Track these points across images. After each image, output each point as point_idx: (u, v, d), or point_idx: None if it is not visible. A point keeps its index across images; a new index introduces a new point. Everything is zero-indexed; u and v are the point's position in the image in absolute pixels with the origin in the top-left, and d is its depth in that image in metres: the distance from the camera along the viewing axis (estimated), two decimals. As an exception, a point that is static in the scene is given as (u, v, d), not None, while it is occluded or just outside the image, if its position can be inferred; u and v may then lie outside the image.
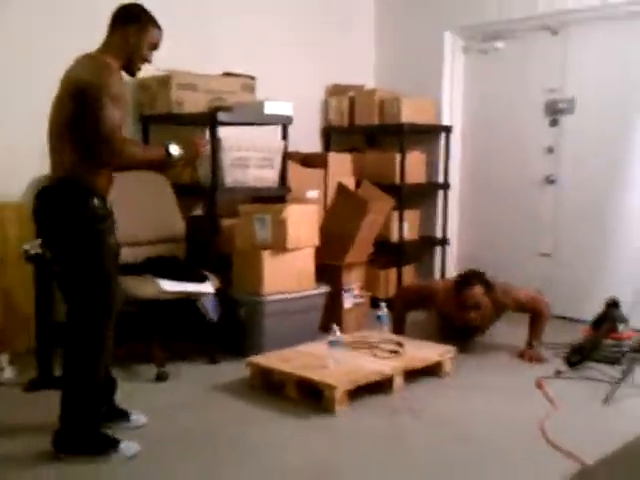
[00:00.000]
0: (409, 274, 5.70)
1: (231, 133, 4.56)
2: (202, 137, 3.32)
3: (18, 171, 4.03)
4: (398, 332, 4.38)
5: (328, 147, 5.91)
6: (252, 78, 4.86)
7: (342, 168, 5.43)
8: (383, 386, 3.65)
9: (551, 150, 5.42)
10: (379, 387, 3.63)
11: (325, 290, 4.58)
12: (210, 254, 4.25)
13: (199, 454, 2.94)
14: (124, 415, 3.18)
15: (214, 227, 4.32)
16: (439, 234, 5.94)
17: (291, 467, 2.85)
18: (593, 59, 5.14)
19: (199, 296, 3.94)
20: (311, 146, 5.75)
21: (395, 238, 5.51)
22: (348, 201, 4.88)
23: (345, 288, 4.80)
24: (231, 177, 4.42)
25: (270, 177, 4.65)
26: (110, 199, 2.91)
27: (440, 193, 5.92)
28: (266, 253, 4.26)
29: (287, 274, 4.34)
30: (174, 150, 2.95)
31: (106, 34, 2.90)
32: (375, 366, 3.70)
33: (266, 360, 3.80)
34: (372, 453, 2.99)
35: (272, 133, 4.87)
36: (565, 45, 5.29)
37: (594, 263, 5.18)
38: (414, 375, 3.82)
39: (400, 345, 3.95)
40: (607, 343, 4.18)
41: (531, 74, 5.49)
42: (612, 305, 4.33)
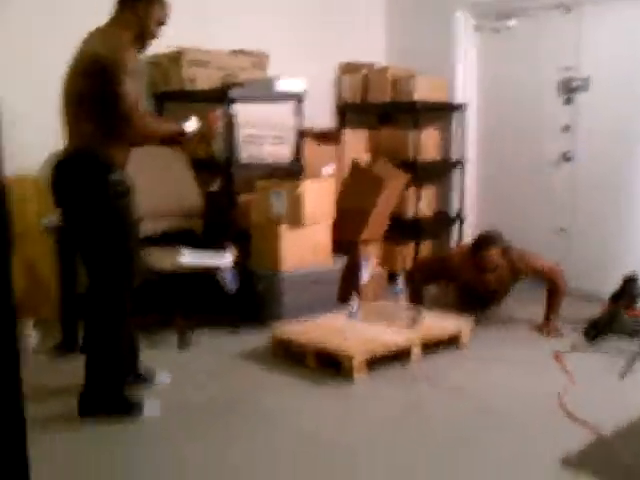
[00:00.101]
0: (425, 250, 5.69)
1: (244, 110, 4.54)
2: (216, 113, 3.34)
3: (35, 145, 4.01)
4: (416, 304, 4.35)
5: (343, 123, 5.88)
6: (264, 55, 4.85)
7: (357, 145, 5.42)
8: (401, 357, 3.66)
9: (567, 128, 5.39)
10: (397, 358, 3.65)
11: (342, 263, 4.58)
12: (227, 228, 4.27)
13: (217, 419, 2.98)
14: (149, 378, 3.26)
15: (231, 202, 4.33)
16: (455, 210, 5.93)
17: (305, 433, 2.87)
18: (607, 37, 5.08)
19: (218, 268, 3.96)
20: (325, 122, 5.73)
21: (411, 214, 5.50)
22: (363, 178, 4.88)
23: (362, 261, 4.80)
24: (246, 153, 4.42)
25: (284, 154, 4.65)
26: (129, 172, 2.92)
27: (455, 170, 5.89)
28: (283, 228, 4.27)
29: (304, 248, 4.35)
30: (190, 125, 2.98)
31: (114, 11, 2.90)
32: (393, 337, 3.71)
33: (285, 330, 3.82)
34: (388, 422, 3.00)
35: (285, 110, 4.86)
36: (579, 23, 5.23)
37: (611, 239, 5.14)
38: (432, 346, 3.83)
39: (418, 316, 3.94)
40: (625, 318, 4.17)
41: (545, 52, 5.43)
42: (630, 280, 4.33)
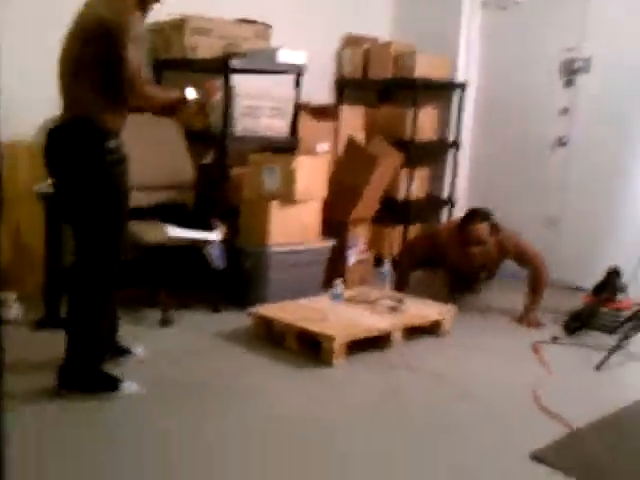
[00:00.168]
0: (414, 234, 5.67)
1: (244, 80, 4.51)
2: (214, 82, 3.32)
3: (29, 110, 3.97)
4: (400, 290, 4.41)
5: (341, 99, 5.85)
6: (267, 25, 4.81)
7: (354, 122, 5.38)
8: (382, 343, 3.70)
9: (565, 111, 5.35)
10: (378, 343, 3.69)
11: (330, 244, 4.60)
12: (218, 202, 4.27)
13: (193, 397, 3.00)
14: (126, 352, 3.29)
15: (223, 175, 4.32)
16: (446, 194, 5.92)
17: (279, 413, 2.91)
18: (613, 18, 5.02)
19: (205, 243, 3.98)
20: (323, 98, 5.69)
21: (402, 196, 5.50)
22: (357, 155, 4.86)
23: (350, 244, 4.83)
24: (242, 125, 4.39)
25: (281, 127, 4.61)
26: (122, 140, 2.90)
27: (450, 152, 5.88)
28: (274, 203, 4.27)
29: (293, 226, 4.36)
30: (190, 93, 2.97)
31: None
32: (375, 321, 3.75)
33: (268, 310, 3.85)
34: (367, 406, 3.04)
35: (284, 82, 4.83)
36: (586, 1, 5.18)
37: (600, 231, 5.15)
38: (413, 333, 3.87)
39: (401, 302, 3.99)
40: (606, 312, 4.23)
41: (549, 32, 5.38)
42: (613, 273, 4.36)
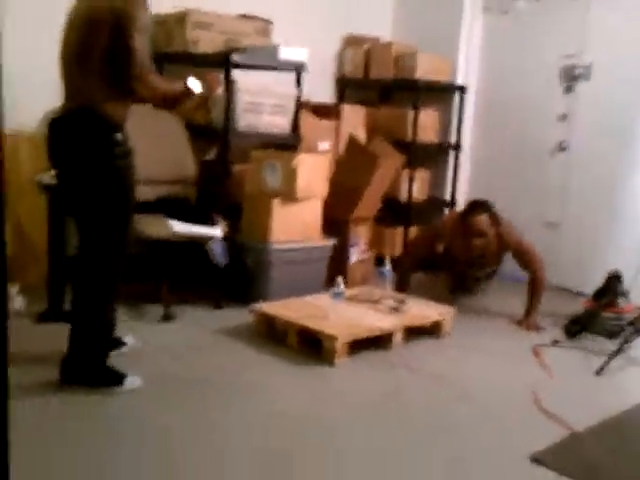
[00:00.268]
0: (414, 234, 5.66)
1: (245, 76, 4.50)
2: (217, 75, 3.31)
3: (32, 100, 3.95)
4: (401, 291, 4.40)
5: (342, 99, 5.84)
6: (268, 22, 4.79)
7: (355, 121, 5.38)
8: (382, 342, 3.69)
9: (564, 117, 5.37)
10: (378, 343, 3.68)
11: (331, 243, 4.59)
12: (220, 198, 4.25)
13: (194, 393, 2.99)
14: (118, 343, 3.27)
15: (226, 171, 4.30)
16: (448, 196, 5.91)
17: (279, 410, 2.90)
18: (614, 25, 5.02)
19: (208, 239, 3.95)
20: (324, 97, 5.68)
21: (404, 197, 5.49)
22: (359, 155, 4.86)
23: (351, 243, 4.81)
24: (244, 121, 4.38)
25: (282, 124, 4.60)
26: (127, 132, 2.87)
27: (451, 154, 5.87)
28: (276, 201, 4.26)
29: (295, 224, 4.35)
30: (195, 86, 2.95)
31: None
32: (376, 321, 3.74)
33: (269, 307, 3.84)
34: (367, 406, 3.03)
35: (287, 79, 4.81)
36: (587, 9, 5.19)
37: (600, 235, 5.14)
38: (414, 333, 3.86)
39: (403, 302, 3.98)
40: (607, 316, 4.22)
41: (550, 38, 5.39)
42: (614, 278, 4.36)
